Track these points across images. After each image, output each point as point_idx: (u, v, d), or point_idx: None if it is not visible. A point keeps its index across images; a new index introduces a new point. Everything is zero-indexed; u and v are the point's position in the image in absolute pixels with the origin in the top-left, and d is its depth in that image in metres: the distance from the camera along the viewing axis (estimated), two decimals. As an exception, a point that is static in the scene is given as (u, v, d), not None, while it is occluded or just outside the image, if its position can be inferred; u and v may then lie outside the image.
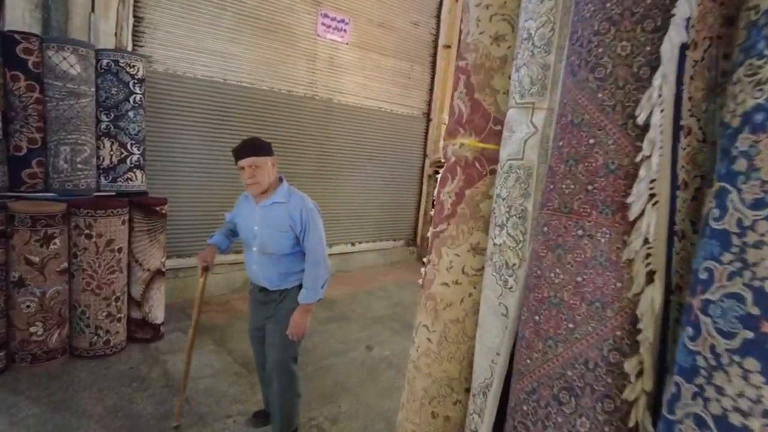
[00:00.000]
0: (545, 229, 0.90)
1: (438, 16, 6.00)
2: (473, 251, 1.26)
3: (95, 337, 2.98)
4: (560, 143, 0.89)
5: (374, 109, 5.49)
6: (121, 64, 3.13)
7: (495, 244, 1.14)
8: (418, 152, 6.11)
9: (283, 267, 2.14)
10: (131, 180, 3.31)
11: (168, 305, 3.45)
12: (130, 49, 3.60)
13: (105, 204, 2.95)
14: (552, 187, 0.89)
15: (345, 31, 5.09)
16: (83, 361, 2.89)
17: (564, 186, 0.86)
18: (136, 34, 3.66)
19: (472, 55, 1.26)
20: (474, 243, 1.26)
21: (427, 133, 6.14)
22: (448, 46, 6.07)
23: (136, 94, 3.23)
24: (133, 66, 3.19)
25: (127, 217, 3.07)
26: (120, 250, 3.02)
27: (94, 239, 2.89)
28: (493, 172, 1.21)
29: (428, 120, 6.12)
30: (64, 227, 2.82)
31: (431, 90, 6.12)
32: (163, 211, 3.26)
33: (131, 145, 3.26)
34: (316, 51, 4.86)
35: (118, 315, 3.07)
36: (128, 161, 3.27)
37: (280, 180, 2.25)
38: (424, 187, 6.17)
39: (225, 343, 3.32)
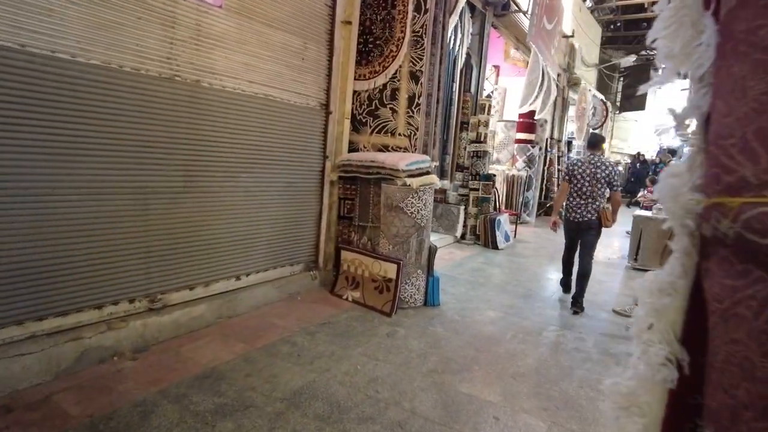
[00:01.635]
0: None
1: (334, -16, 4.82)
2: None
3: None
4: None
5: (260, 97, 4.15)
6: None
7: None
8: (316, 153, 4.89)
9: None
10: None
11: None
12: None
13: None
14: None
15: (217, -13, 3.66)
16: None
17: None
18: None
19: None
20: None
21: (326, 128, 4.95)
22: (349, 22, 4.93)
23: None
24: None
25: None
26: None
27: None
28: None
29: (327, 112, 4.93)
30: None
31: (329, 75, 4.93)
32: None
33: None
34: (176, 13, 3.38)
35: None
36: None
37: None
38: (326, 196, 4.99)
39: None
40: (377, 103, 5.01)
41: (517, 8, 8.49)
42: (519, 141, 11.12)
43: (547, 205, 12.76)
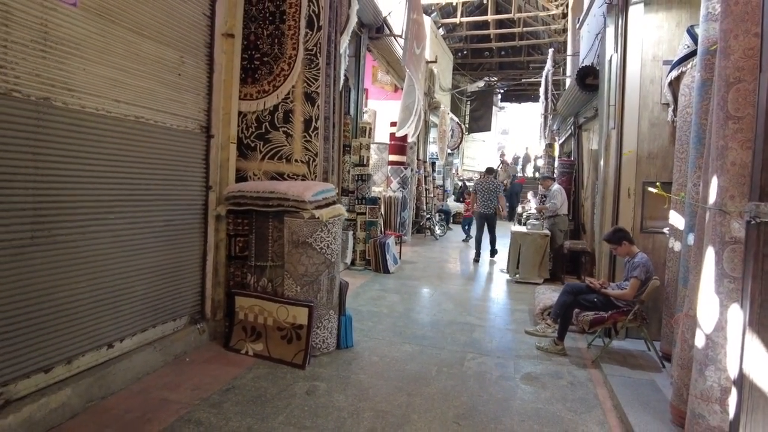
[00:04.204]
0: None
1: (211, -9, 4.21)
2: None
3: None
4: None
5: (130, 119, 3.36)
6: None
7: None
8: (197, 184, 4.16)
9: None
10: None
11: None
12: None
13: None
14: None
15: (67, -20, 2.86)
16: None
17: None
18: None
19: None
20: None
21: (207, 155, 4.25)
22: (231, 35, 4.34)
23: None
24: None
25: None
26: None
27: None
28: None
29: (209, 136, 4.25)
30: None
31: (209, 94, 4.26)
32: None
33: None
34: (8, 8, 2.52)
35: None
36: None
37: None
38: (210, 234, 4.26)
39: None
40: (268, 125, 4.48)
41: (389, 32, 8.59)
42: (392, 163, 11.26)
43: (420, 223, 13.16)
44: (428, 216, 13.28)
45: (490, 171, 10.08)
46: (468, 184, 18.55)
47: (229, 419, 2.94)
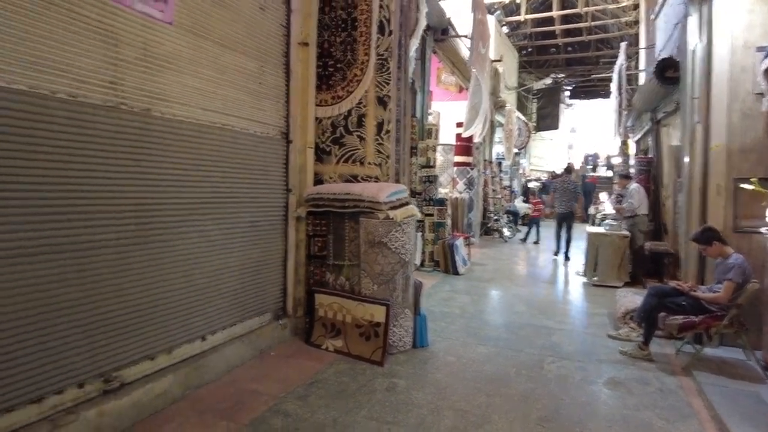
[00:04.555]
0: None
1: (288, 2, 4.41)
2: None
3: None
4: None
5: (217, 126, 3.60)
6: None
7: None
8: (278, 186, 4.37)
9: None
10: None
11: None
12: None
13: None
14: None
15: (166, 2, 3.12)
16: None
17: None
18: None
19: None
20: None
21: (287, 159, 4.46)
22: (306, 44, 4.53)
23: None
24: None
25: None
26: None
27: None
28: None
29: (288, 141, 4.45)
30: None
31: (287, 101, 4.47)
32: None
33: None
34: (116, 30, 2.78)
35: None
36: None
37: None
38: (291, 234, 4.46)
39: None
40: (342, 130, 4.62)
41: (455, 33, 8.56)
42: (458, 164, 11.18)
43: (488, 225, 12.95)
44: (496, 218, 13.04)
45: (569, 170, 9.95)
46: (533, 185, 18.04)
47: (315, 411, 3.06)
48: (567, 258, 9.30)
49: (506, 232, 12.84)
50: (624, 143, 13.50)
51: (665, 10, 7.32)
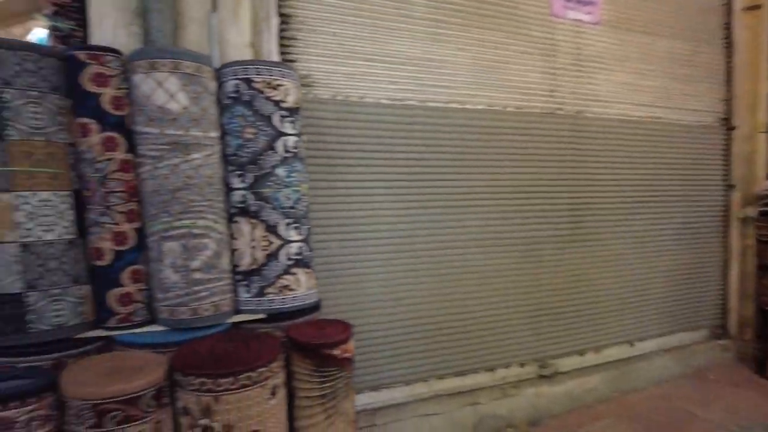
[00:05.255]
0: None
1: (725, -35, 3.72)
2: None
3: None
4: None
5: (646, 120, 3.38)
6: (256, 85, 1.67)
7: None
8: (715, 182, 3.73)
9: None
10: (289, 289, 1.77)
11: None
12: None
13: (243, 356, 1.41)
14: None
15: (594, 4, 3.18)
16: None
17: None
18: (283, 40, 2.25)
19: None
20: None
21: (728, 149, 3.75)
22: (755, 6, 3.70)
23: (288, 135, 1.74)
24: (279, 87, 1.71)
25: (279, 380, 1.50)
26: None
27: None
28: None
29: (729, 128, 3.74)
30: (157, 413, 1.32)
31: (728, 80, 3.76)
32: (346, 356, 1.62)
33: (286, 226, 1.75)
34: (555, 41, 3.02)
35: None
36: (282, 255, 1.75)
37: None
38: (734, 238, 3.71)
39: None
40: (814, 103, 3.52)
41: None
42: None
43: None
44: None
45: None
46: None
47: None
48: None
49: None
50: None
51: None
